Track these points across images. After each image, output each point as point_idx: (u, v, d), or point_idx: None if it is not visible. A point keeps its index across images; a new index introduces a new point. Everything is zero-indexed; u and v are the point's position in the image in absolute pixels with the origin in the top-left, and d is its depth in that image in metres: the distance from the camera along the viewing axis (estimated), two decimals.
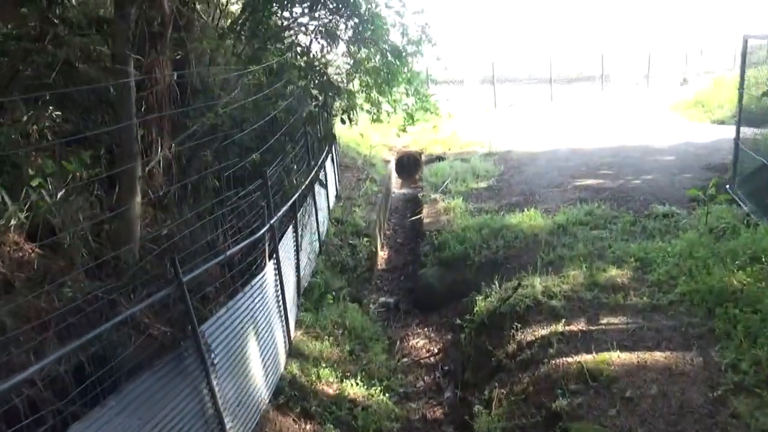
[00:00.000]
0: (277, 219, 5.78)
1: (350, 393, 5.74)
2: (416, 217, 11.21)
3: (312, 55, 9.04)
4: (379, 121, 11.45)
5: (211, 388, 4.19)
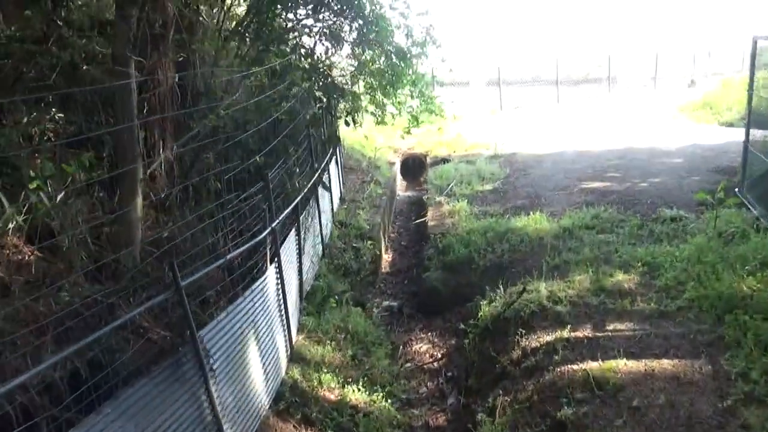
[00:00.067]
0: (279, 222, 5.72)
1: (352, 399, 5.67)
2: (420, 219, 11.13)
3: (316, 56, 8.99)
4: (383, 124, 11.37)
5: (209, 394, 4.13)
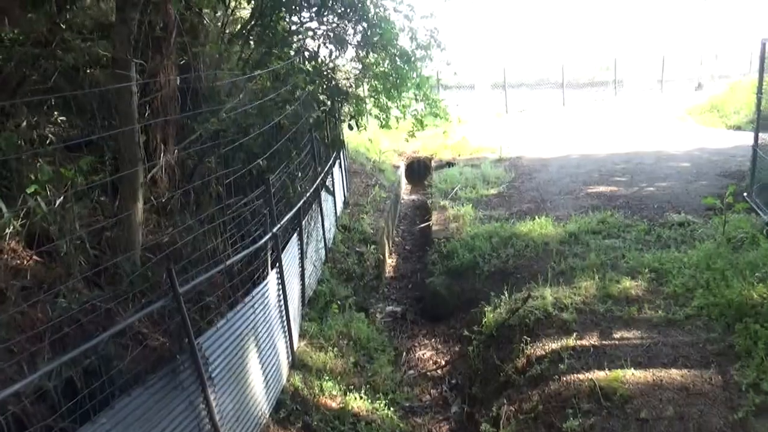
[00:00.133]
0: (280, 227, 5.65)
1: (354, 407, 5.57)
2: (425, 224, 11.05)
3: (320, 60, 8.94)
4: (387, 127, 11.33)
5: (208, 403, 4.06)
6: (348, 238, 9.39)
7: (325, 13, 8.99)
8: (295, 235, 6.52)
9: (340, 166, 10.86)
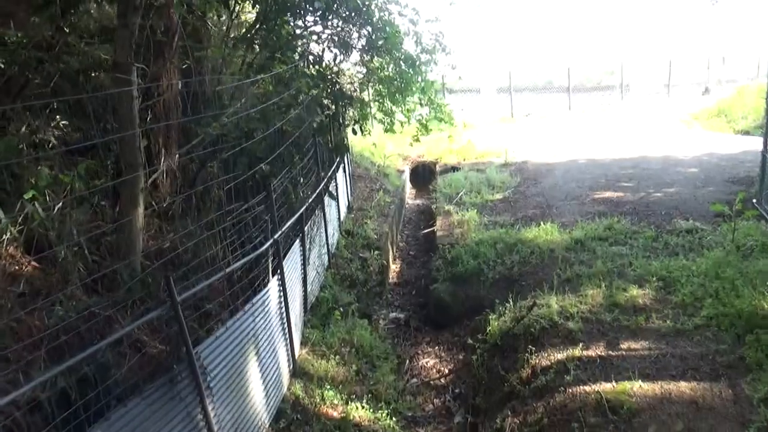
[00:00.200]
0: (282, 233, 5.57)
1: (355, 416, 5.48)
2: (429, 229, 10.96)
3: (324, 64, 8.88)
4: (392, 132, 11.26)
5: (206, 414, 3.98)
6: (351, 244, 9.31)
7: (330, 17, 8.94)
8: (298, 240, 6.45)
9: (344, 171, 10.79)
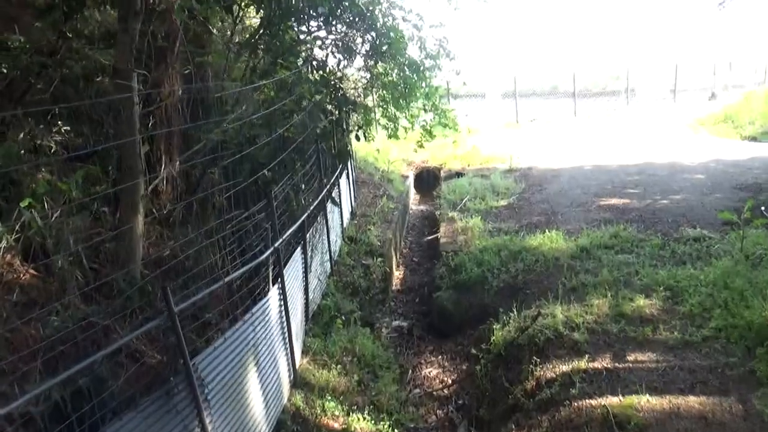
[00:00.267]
0: (282, 241, 5.50)
1: (357, 428, 5.39)
2: (433, 236, 10.87)
3: (328, 69, 8.83)
4: (395, 137, 11.20)
5: (203, 427, 3.90)
6: (354, 250, 9.23)
7: (333, 22, 8.89)
8: (299, 248, 6.37)
9: (348, 177, 10.73)
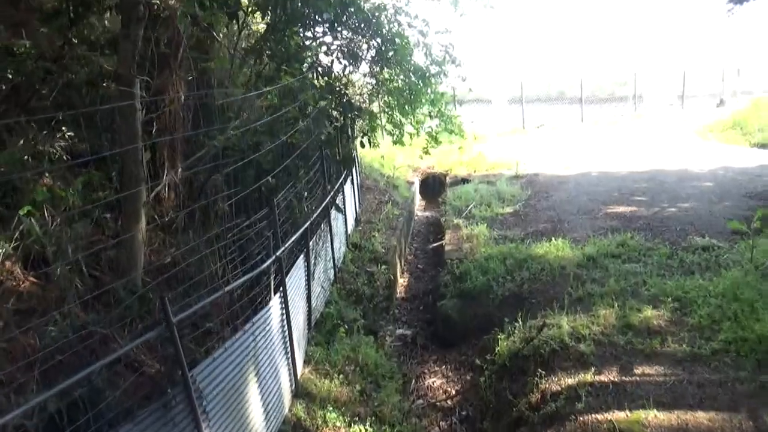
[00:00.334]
0: (284, 250, 5.44)
1: None
2: (438, 243, 10.80)
3: (333, 75, 8.79)
4: (401, 143, 11.15)
5: None
6: (358, 258, 9.16)
7: (339, 28, 8.86)
8: (302, 256, 6.31)
9: (352, 183, 10.68)
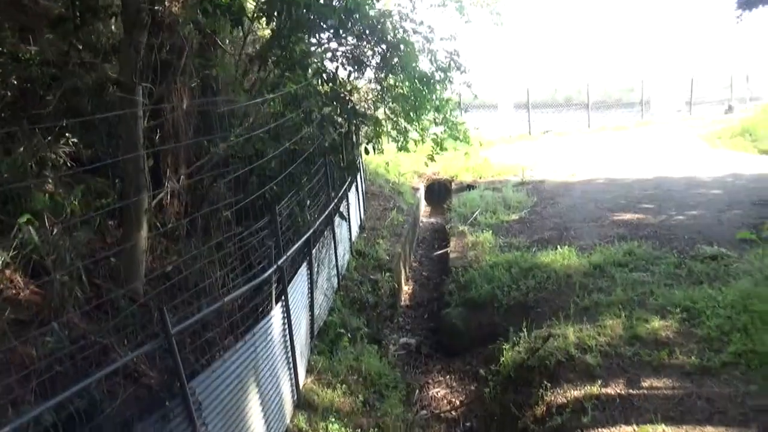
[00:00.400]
0: (286, 259, 5.39)
1: None
2: (443, 251, 10.72)
3: (338, 81, 8.77)
4: (406, 150, 11.10)
5: None
6: (362, 265, 9.10)
7: (344, 35, 8.84)
8: (305, 264, 6.26)
9: (357, 189, 10.63)
